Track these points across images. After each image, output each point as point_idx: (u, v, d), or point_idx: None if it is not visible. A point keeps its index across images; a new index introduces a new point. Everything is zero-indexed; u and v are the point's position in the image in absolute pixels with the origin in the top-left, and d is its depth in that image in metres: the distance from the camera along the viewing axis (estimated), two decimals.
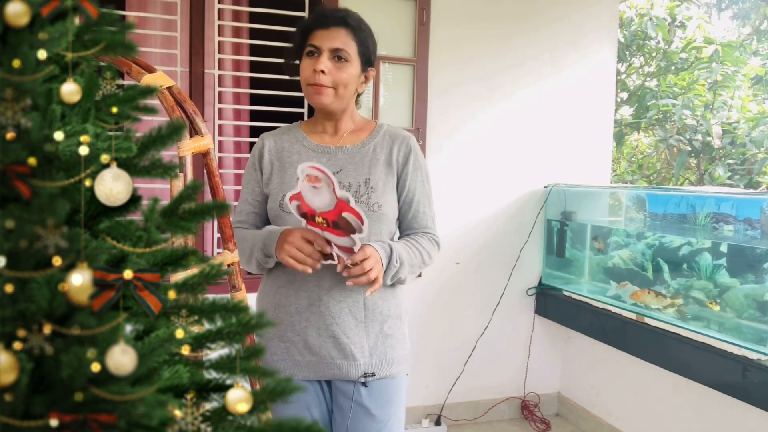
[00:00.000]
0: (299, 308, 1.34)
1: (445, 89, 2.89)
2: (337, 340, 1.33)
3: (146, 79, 0.93)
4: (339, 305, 1.33)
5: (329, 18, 1.33)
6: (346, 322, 1.33)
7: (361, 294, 1.34)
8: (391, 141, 1.41)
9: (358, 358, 1.33)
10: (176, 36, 2.53)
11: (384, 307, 1.38)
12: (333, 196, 1.13)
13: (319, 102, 1.33)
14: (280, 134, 1.44)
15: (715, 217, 2.31)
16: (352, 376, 1.34)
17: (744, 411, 2.07)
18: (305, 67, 1.33)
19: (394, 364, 1.38)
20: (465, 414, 3.04)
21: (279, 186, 1.37)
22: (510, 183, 3.06)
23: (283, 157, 1.40)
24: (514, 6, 2.99)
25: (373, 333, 1.35)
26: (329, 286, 1.32)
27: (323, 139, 1.41)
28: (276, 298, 1.36)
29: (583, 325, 2.83)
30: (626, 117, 5.88)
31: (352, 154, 1.38)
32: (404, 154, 1.40)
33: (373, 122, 1.47)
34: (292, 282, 1.34)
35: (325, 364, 1.33)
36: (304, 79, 1.33)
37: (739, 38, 6.51)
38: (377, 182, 1.36)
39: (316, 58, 1.31)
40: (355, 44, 1.33)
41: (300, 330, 1.34)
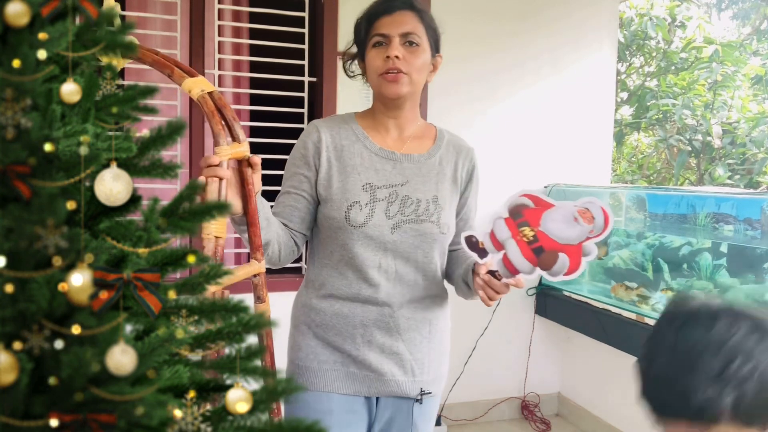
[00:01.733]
0: (365, 321, 1.24)
1: (445, 89, 2.89)
2: (401, 356, 1.26)
3: (188, 83, 0.93)
4: (408, 322, 1.26)
5: (394, 2, 1.22)
6: (412, 339, 1.27)
7: (428, 310, 1.29)
8: (455, 153, 1.32)
9: (417, 375, 1.27)
10: (176, 36, 2.53)
11: (443, 323, 1.34)
12: (586, 231, 1.03)
13: (396, 92, 1.21)
14: (336, 127, 1.29)
15: (715, 217, 2.31)
16: (410, 393, 1.27)
17: None
18: (375, 58, 1.22)
19: (441, 381, 1.35)
20: (465, 414, 3.04)
21: (342, 193, 1.23)
22: (510, 183, 3.06)
23: (344, 157, 1.26)
24: (514, 6, 2.99)
25: (432, 348, 1.30)
26: (399, 303, 1.25)
27: (386, 142, 1.29)
28: (335, 307, 1.25)
29: (583, 325, 2.83)
30: (626, 117, 5.88)
31: (419, 165, 1.28)
32: (468, 171, 1.34)
33: (432, 126, 1.38)
34: (358, 294, 1.24)
35: (383, 380, 1.25)
36: (374, 70, 1.22)
37: (739, 38, 6.51)
38: (445, 200, 1.27)
39: (386, 46, 1.20)
40: (423, 28, 1.23)
41: (362, 343, 1.24)
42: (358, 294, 1.24)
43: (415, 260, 1.25)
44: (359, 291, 1.24)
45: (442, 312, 1.34)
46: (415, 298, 1.26)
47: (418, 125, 1.33)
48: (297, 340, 1.30)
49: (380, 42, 1.21)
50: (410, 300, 1.26)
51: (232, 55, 2.71)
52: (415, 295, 1.26)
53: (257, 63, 2.77)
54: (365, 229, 1.21)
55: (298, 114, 2.73)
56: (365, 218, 1.22)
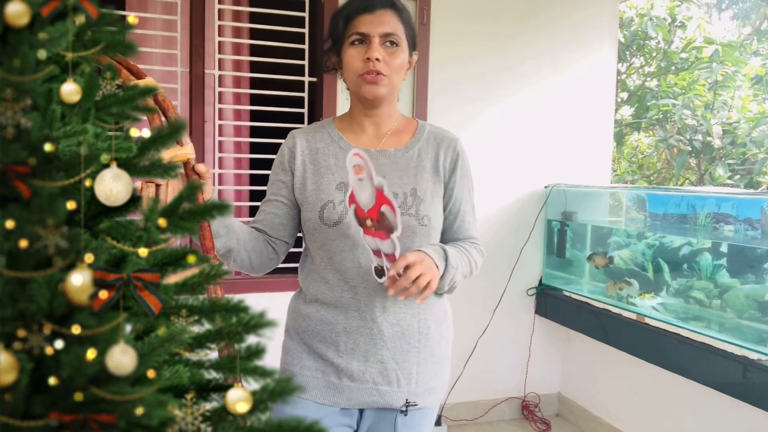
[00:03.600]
0: (348, 328, 1.21)
1: (445, 89, 2.89)
2: (385, 365, 1.21)
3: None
4: (393, 328, 1.21)
5: (368, 1, 1.19)
6: (398, 347, 1.22)
7: (417, 316, 1.23)
8: (436, 144, 1.28)
9: (402, 385, 1.22)
10: (176, 36, 2.53)
11: (437, 331, 1.27)
12: (372, 186, 1.01)
13: (375, 93, 1.20)
14: (312, 132, 1.29)
15: (715, 217, 2.31)
16: (394, 404, 1.22)
17: (744, 411, 2.07)
18: (353, 57, 1.19)
19: (434, 393, 1.28)
20: (465, 414, 3.04)
21: (316, 194, 1.22)
22: (510, 183, 3.06)
23: (318, 159, 1.25)
24: (514, 6, 2.99)
25: (423, 358, 1.24)
26: (382, 306, 1.20)
27: (361, 140, 1.28)
28: (320, 313, 1.23)
29: (583, 325, 2.83)
30: (626, 117, 5.88)
31: (395, 160, 1.25)
32: (451, 160, 1.28)
33: (414, 121, 1.34)
34: (340, 299, 1.21)
35: (365, 390, 1.21)
36: (353, 71, 1.20)
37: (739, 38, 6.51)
38: (425, 192, 1.23)
39: (366, 45, 1.18)
40: (402, 27, 1.21)
41: (345, 351, 1.21)
42: (340, 299, 1.21)
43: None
44: (340, 295, 1.21)
45: (437, 319, 1.28)
46: (400, 303, 1.21)
47: (397, 121, 1.31)
48: (287, 344, 1.30)
49: (359, 40, 1.19)
50: (395, 304, 1.21)
51: (232, 55, 2.71)
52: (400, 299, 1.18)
53: (257, 63, 2.77)
54: (340, 227, 1.19)
55: (298, 114, 2.73)
56: (339, 216, 1.19)
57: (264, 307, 0.44)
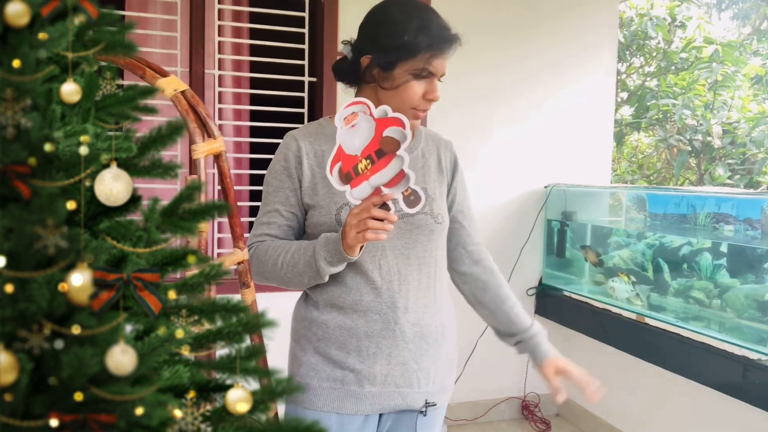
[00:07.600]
0: (370, 332, 1.18)
1: (445, 88, 2.88)
2: (406, 366, 1.19)
3: (161, 83, 0.93)
4: (414, 329, 1.20)
5: (452, 44, 1.22)
6: (418, 347, 1.20)
7: (435, 316, 1.24)
8: (435, 145, 1.31)
9: (422, 385, 1.22)
10: (176, 36, 2.53)
11: (450, 330, 1.29)
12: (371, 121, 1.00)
13: (414, 126, 1.23)
14: (313, 135, 1.25)
15: (715, 217, 2.31)
16: (414, 405, 1.22)
17: (744, 411, 2.07)
18: (414, 89, 1.18)
19: (447, 392, 1.30)
20: (465, 414, 3.04)
21: (329, 197, 1.19)
22: (510, 183, 3.06)
23: (325, 162, 1.20)
24: (515, 6, 2.99)
25: (439, 357, 1.25)
26: (404, 306, 1.19)
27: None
28: (338, 319, 1.19)
29: (583, 325, 2.83)
30: (626, 117, 5.88)
31: None
32: (451, 160, 1.31)
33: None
34: (359, 302, 1.18)
35: (387, 394, 1.19)
36: (408, 102, 1.18)
37: (739, 38, 6.51)
38: (434, 191, 1.24)
39: (429, 81, 1.19)
40: None
41: (367, 356, 1.18)
42: (359, 302, 1.18)
43: (416, 257, 1.21)
44: (360, 298, 1.18)
45: (449, 318, 1.29)
46: (420, 304, 1.21)
47: None
48: (298, 356, 1.24)
49: (426, 75, 1.18)
50: (415, 305, 1.21)
51: (232, 55, 2.71)
52: (420, 300, 1.21)
53: (257, 63, 2.77)
54: None
55: (298, 114, 2.73)
56: None
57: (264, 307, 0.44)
